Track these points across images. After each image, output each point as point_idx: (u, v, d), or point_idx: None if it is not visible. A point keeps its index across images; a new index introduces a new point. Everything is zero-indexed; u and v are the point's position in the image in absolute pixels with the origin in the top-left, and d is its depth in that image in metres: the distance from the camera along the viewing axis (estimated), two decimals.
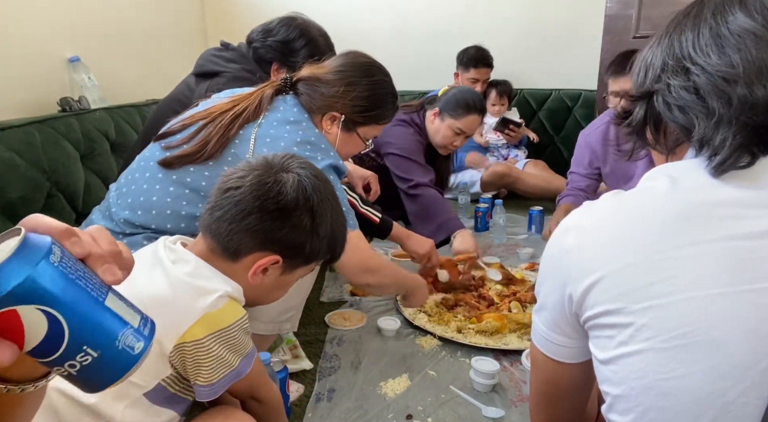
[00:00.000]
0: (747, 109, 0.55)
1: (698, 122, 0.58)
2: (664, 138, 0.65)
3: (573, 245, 0.62)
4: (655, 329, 0.54)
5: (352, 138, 1.40)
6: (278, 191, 0.86)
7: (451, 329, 1.55)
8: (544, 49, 3.40)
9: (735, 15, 0.58)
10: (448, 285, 1.79)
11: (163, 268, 0.85)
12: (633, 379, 0.56)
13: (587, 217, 0.63)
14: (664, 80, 0.62)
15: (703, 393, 0.53)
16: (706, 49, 0.58)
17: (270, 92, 1.31)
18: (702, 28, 0.60)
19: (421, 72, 3.42)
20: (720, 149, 0.55)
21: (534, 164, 3.16)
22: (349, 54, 1.40)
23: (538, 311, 0.70)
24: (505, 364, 1.38)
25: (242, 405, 0.96)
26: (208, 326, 0.81)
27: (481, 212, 2.53)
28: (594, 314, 0.59)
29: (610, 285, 0.57)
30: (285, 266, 0.90)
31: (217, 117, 1.23)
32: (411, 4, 3.49)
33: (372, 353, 1.46)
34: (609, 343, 0.58)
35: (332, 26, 1.94)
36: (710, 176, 0.57)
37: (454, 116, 2.18)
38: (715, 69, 0.57)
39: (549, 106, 3.44)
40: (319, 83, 1.33)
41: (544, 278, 0.68)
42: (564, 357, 0.69)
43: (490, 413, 1.20)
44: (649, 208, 0.58)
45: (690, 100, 0.59)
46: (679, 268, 0.54)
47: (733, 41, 0.57)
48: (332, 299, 1.82)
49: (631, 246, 0.57)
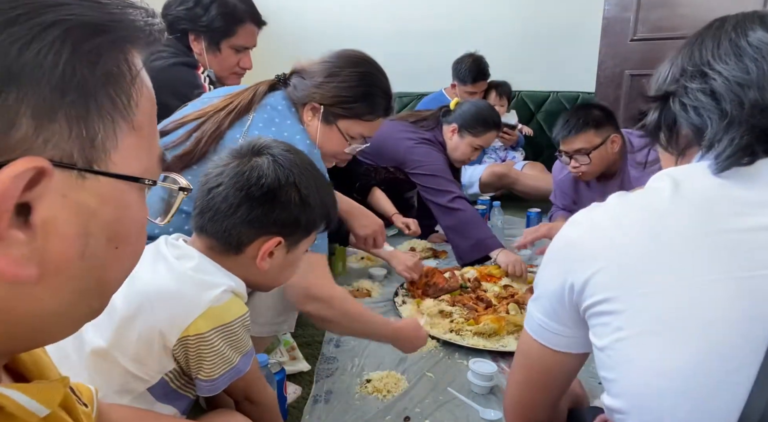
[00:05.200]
0: (758, 112, 0.59)
1: (711, 123, 0.62)
2: (676, 140, 0.69)
3: (577, 237, 0.66)
4: (650, 313, 0.57)
5: (333, 132, 1.35)
6: (258, 176, 0.87)
7: (449, 330, 1.55)
8: (543, 51, 3.41)
9: (755, 30, 0.63)
10: (437, 290, 1.80)
11: (166, 263, 0.86)
12: (626, 362, 0.59)
13: (595, 213, 0.66)
14: (682, 83, 0.66)
15: (695, 373, 0.55)
16: (725, 57, 0.63)
17: (264, 88, 1.31)
18: (723, 39, 0.65)
19: (419, 73, 3.42)
20: (727, 148, 0.59)
21: (532, 165, 3.16)
22: (343, 49, 1.38)
23: (536, 300, 0.73)
24: (503, 366, 1.38)
25: (236, 406, 0.96)
26: (212, 320, 0.82)
27: (480, 214, 2.53)
28: (593, 302, 0.62)
29: (610, 274, 0.61)
30: (288, 244, 0.92)
31: (212, 116, 1.24)
32: (410, 6, 3.50)
33: (370, 354, 1.46)
34: (605, 330, 0.61)
35: (332, 27, 1.94)
36: (713, 176, 0.60)
37: (474, 133, 2.21)
38: (732, 75, 0.61)
39: (547, 108, 3.45)
40: (304, 74, 1.33)
41: (546, 267, 0.71)
42: (558, 345, 0.71)
43: (487, 415, 1.20)
44: (652, 206, 0.61)
45: (706, 102, 0.63)
46: (677, 258, 0.57)
47: (751, 52, 0.61)
48: None
49: (632, 239, 0.60)
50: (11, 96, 0.29)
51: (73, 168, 0.32)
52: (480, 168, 3.07)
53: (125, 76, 0.35)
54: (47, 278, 0.33)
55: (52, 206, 0.32)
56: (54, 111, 0.31)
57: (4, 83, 0.29)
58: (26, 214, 0.31)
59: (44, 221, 0.32)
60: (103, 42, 0.33)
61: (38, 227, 0.32)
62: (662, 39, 2.53)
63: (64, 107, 0.31)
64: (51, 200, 0.32)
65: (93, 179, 0.34)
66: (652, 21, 2.63)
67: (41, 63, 0.30)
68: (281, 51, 1.93)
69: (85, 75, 0.32)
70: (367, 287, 1.89)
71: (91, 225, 0.35)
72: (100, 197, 0.35)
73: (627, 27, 2.71)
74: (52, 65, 0.31)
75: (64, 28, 0.31)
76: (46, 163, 0.30)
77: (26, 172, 0.30)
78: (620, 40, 2.74)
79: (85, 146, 0.33)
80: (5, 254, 0.31)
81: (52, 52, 0.31)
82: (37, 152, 0.31)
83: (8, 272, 0.31)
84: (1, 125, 0.29)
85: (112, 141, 0.34)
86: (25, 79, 0.30)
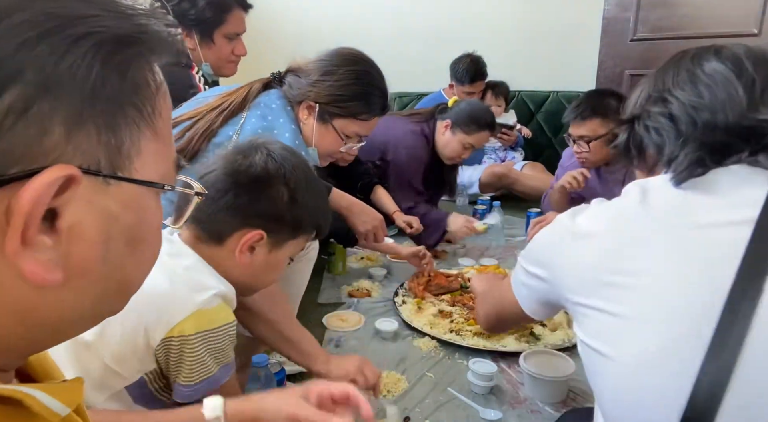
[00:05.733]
0: (708, 131, 0.69)
1: (669, 141, 0.73)
2: (644, 159, 0.79)
3: (558, 239, 0.79)
4: (620, 302, 0.67)
5: (329, 131, 1.34)
6: (249, 164, 0.88)
7: (449, 330, 1.55)
8: (543, 51, 3.41)
9: (709, 61, 0.73)
10: (437, 289, 1.80)
11: (159, 259, 0.85)
12: (603, 342, 0.69)
13: (580, 218, 0.77)
14: (646, 108, 0.77)
15: (654, 350, 0.64)
16: (682, 84, 0.73)
17: (258, 86, 1.31)
18: (681, 69, 0.75)
19: (419, 74, 3.43)
20: (683, 162, 0.69)
21: (532, 166, 3.16)
22: (340, 47, 1.37)
23: (525, 262, 0.88)
24: (503, 366, 1.38)
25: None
26: (198, 323, 0.81)
27: (479, 214, 2.53)
28: (574, 299, 0.74)
29: (581, 274, 0.72)
30: (271, 241, 0.90)
31: (206, 114, 1.24)
32: (410, 6, 3.50)
33: (370, 354, 1.46)
34: (584, 320, 0.72)
35: (332, 27, 1.94)
36: (673, 187, 0.70)
37: (467, 131, 2.20)
38: (687, 99, 0.72)
39: (547, 108, 3.45)
40: (300, 72, 1.33)
41: (542, 245, 0.84)
42: (530, 311, 0.91)
43: (488, 415, 1.20)
44: (624, 212, 0.72)
45: (665, 124, 0.73)
46: (641, 253, 0.67)
47: (705, 79, 0.71)
48: (330, 300, 1.81)
49: (605, 242, 0.71)
50: (45, 105, 0.30)
51: (99, 175, 0.34)
52: (480, 168, 3.07)
53: (150, 86, 0.36)
54: (71, 281, 0.34)
55: (78, 212, 0.33)
56: (84, 119, 0.32)
57: (40, 92, 0.30)
58: (52, 219, 0.32)
59: (70, 226, 0.33)
60: (132, 53, 0.35)
61: (64, 233, 0.33)
62: (662, 39, 2.53)
63: (94, 116, 0.33)
64: (77, 206, 0.33)
65: (116, 185, 0.35)
66: (652, 21, 2.63)
67: (74, 74, 0.31)
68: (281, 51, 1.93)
69: (115, 85, 0.34)
70: (367, 287, 1.89)
71: (113, 230, 0.36)
72: (123, 203, 0.36)
73: (627, 27, 2.71)
74: (84, 76, 0.32)
75: (96, 40, 0.32)
76: (76, 170, 0.31)
77: (58, 179, 0.31)
78: (620, 40, 2.74)
79: (111, 153, 0.34)
80: (33, 259, 0.32)
81: (85, 63, 0.32)
82: (67, 158, 0.32)
83: (36, 276, 0.32)
84: (34, 132, 0.30)
85: (136, 148, 0.36)
86: (58, 89, 0.31)
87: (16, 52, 0.30)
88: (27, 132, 0.30)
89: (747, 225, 0.62)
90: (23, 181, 0.30)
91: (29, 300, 0.33)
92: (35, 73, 0.30)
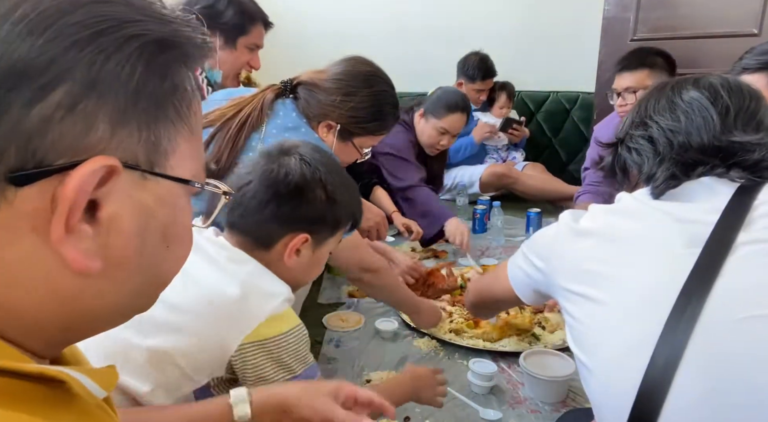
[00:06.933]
0: (683, 151, 0.79)
1: (647, 161, 0.82)
2: (628, 178, 0.89)
3: (561, 236, 0.87)
4: (600, 288, 0.75)
5: (348, 148, 1.38)
6: (285, 173, 0.90)
7: (449, 330, 1.55)
8: (542, 51, 3.40)
9: (688, 90, 0.82)
10: (437, 290, 1.80)
11: (220, 266, 0.89)
12: (576, 319, 0.80)
13: (582, 219, 0.86)
14: (629, 132, 0.87)
15: (616, 324, 0.73)
16: (662, 111, 0.82)
17: (271, 96, 1.32)
18: (662, 97, 0.84)
19: (419, 74, 3.42)
20: (659, 177, 0.79)
21: (533, 166, 3.16)
22: (350, 61, 1.38)
23: (528, 251, 0.94)
24: (503, 366, 1.38)
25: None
26: (273, 328, 0.85)
27: (479, 214, 2.53)
28: (565, 286, 0.82)
29: (575, 263, 0.81)
30: (315, 241, 0.95)
31: (224, 125, 1.25)
32: (410, 6, 3.49)
33: (370, 354, 1.46)
34: (567, 304, 0.82)
35: (332, 27, 1.95)
36: (652, 199, 0.80)
37: (437, 115, 2.23)
38: (666, 124, 0.81)
39: (547, 108, 3.45)
40: (317, 90, 1.33)
41: (546, 239, 0.91)
42: (520, 292, 0.99)
43: (488, 415, 1.20)
44: (616, 212, 0.82)
45: (645, 145, 0.83)
46: (621, 249, 0.76)
47: (683, 106, 0.80)
48: (330, 300, 1.81)
49: (598, 236, 0.80)
50: (92, 102, 0.33)
51: (138, 169, 0.36)
52: (480, 168, 3.07)
53: (187, 87, 0.39)
54: (109, 271, 0.36)
55: (117, 204, 0.35)
56: (127, 117, 0.34)
57: (87, 90, 0.32)
58: (93, 211, 0.34)
59: (110, 217, 0.35)
60: (172, 57, 0.37)
61: (104, 223, 0.34)
62: (662, 39, 2.52)
63: (137, 114, 0.35)
64: (117, 198, 0.35)
65: (153, 180, 0.37)
66: (652, 21, 2.63)
67: (119, 74, 0.33)
68: (281, 51, 1.94)
69: (156, 86, 0.36)
70: None
71: (149, 224, 0.38)
72: (158, 198, 0.38)
73: (627, 27, 2.71)
74: (128, 76, 0.34)
75: (141, 43, 0.35)
76: (117, 162, 0.33)
77: (100, 169, 0.33)
78: (620, 40, 2.73)
79: (149, 150, 0.36)
80: (75, 246, 0.33)
81: (129, 64, 0.34)
82: (110, 153, 0.34)
83: (78, 263, 0.34)
84: (81, 127, 0.32)
85: (172, 146, 0.38)
86: (105, 88, 0.33)
87: (67, 51, 0.31)
88: (74, 127, 0.32)
89: (713, 224, 0.71)
90: (69, 171, 0.32)
91: (72, 287, 0.35)
92: (84, 72, 0.32)
